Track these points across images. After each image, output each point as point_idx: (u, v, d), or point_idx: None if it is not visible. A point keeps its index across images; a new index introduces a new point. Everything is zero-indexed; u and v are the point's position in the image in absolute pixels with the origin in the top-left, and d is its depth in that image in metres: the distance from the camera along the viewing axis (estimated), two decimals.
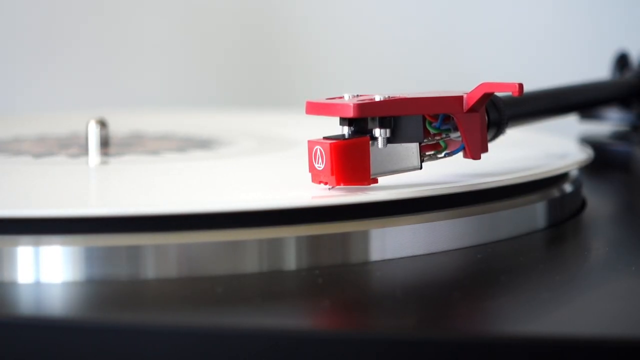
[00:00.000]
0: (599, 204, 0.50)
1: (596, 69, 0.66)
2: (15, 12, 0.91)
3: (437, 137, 0.40)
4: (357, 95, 0.39)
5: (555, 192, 0.45)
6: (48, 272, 0.35)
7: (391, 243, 0.38)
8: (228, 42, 0.93)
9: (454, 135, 0.40)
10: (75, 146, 0.54)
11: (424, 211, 0.39)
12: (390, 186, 0.39)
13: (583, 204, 0.48)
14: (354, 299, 0.35)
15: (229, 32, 0.93)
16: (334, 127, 0.39)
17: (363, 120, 0.38)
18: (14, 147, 0.54)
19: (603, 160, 0.56)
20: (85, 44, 0.92)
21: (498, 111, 0.41)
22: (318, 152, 0.38)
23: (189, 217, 0.36)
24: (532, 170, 0.43)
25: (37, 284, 0.35)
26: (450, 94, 0.39)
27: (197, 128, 0.61)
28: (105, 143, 0.51)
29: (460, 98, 0.39)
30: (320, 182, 0.38)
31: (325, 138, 0.38)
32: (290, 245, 0.37)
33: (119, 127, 0.57)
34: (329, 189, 0.38)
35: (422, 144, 0.39)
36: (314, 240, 0.37)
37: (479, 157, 0.40)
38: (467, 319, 0.33)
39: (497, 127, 0.42)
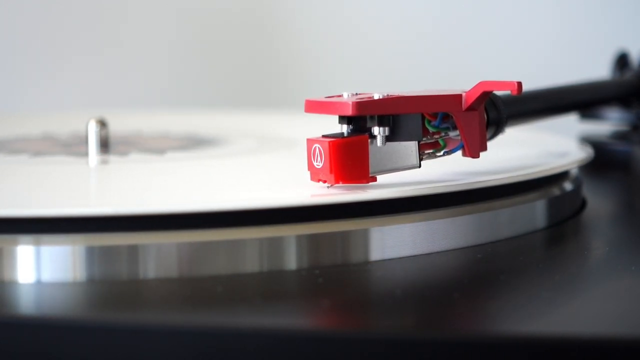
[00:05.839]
0: (599, 203, 0.50)
1: (596, 69, 0.66)
2: (15, 12, 0.91)
3: (436, 136, 0.40)
4: (356, 94, 0.39)
5: (555, 191, 0.45)
6: (48, 272, 0.35)
7: (391, 242, 0.38)
8: (228, 42, 0.93)
9: (453, 133, 0.40)
10: (75, 146, 0.54)
11: (424, 210, 0.39)
12: (390, 184, 0.39)
13: (583, 204, 0.48)
14: (354, 299, 0.35)
15: (229, 32, 0.93)
16: (333, 125, 0.39)
17: (362, 118, 0.38)
18: (14, 146, 0.54)
19: (603, 160, 0.56)
20: (86, 44, 0.92)
21: (497, 110, 0.41)
22: (317, 150, 0.38)
23: (188, 216, 0.36)
24: (531, 169, 0.43)
25: (37, 284, 0.35)
26: (449, 93, 0.39)
27: (197, 128, 0.61)
28: (105, 143, 0.51)
29: (459, 96, 0.39)
30: (319, 181, 0.38)
31: (324, 136, 0.38)
32: (290, 245, 0.36)
33: (119, 127, 0.57)
34: (328, 187, 0.38)
35: (421, 143, 0.39)
36: (314, 239, 0.37)
37: (477, 156, 0.40)
38: (467, 319, 0.33)
39: (496, 125, 0.42)
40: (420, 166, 0.39)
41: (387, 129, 0.38)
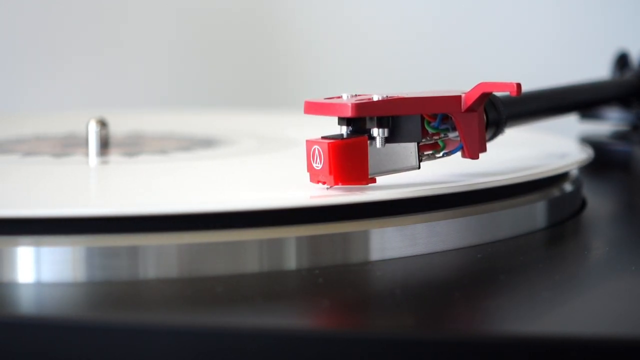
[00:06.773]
0: (599, 204, 0.50)
1: (596, 69, 0.66)
2: (15, 12, 0.91)
3: (436, 137, 0.40)
4: (355, 95, 0.39)
5: (555, 192, 0.45)
6: (48, 272, 0.35)
7: (391, 243, 0.38)
8: (228, 42, 0.93)
9: (453, 134, 0.40)
10: (75, 146, 0.54)
11: (424, 211, 0.39)
12: (390, 186, 0.39)
13: (583, 204, 0.48)
14: (354, 299, 0.35)
15: (229, 32, 0.93)
16: (334, 126, 0.39)
17: (361, 119, 0.38)
18: (14, 146, 0.54)
19: (603, 160, 0.56)
20: (86, 44, 0.92)
21: (497, 111, 0.41)
22: (316, 151, 0.38)
23: (189, 217, 0.36)
24: (532, 170, 0.43)
25: (37, 284, 0.35)
26: (449, 94, 0.39)
27: (197, 128, 0.61)
28: (105, 143, 0.51)
29: (458, 98, 0.39)
30: (318, 182, 0.38)
31: (323, 137, 0.38)
32: (290, 245, 0.37)
33: (119, 127, 0.57)
34: (327, 188, 0.38)
35: (421, 144, 0.39)
36: (314, 240, 0.37)
37: (477, 157, 0.40)
38: (467, 319, 0.33)
39: (495, 126, 0.42)
40: (419, 167, 0.39)
41: (386, 130, 0.38)
